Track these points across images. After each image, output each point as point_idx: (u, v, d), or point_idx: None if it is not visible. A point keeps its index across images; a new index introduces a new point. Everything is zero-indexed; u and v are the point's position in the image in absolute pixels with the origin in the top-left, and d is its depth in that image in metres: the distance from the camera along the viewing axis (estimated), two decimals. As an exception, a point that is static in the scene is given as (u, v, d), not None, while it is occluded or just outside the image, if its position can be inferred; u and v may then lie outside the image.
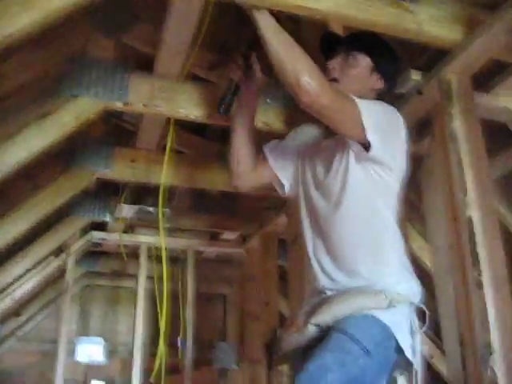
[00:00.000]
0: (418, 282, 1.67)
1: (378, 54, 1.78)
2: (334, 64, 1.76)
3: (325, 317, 1.56)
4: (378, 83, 1.78)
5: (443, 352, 2.12)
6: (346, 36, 1.90)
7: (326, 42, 1.88)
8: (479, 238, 1.70)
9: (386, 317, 1.53)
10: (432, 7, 1.87)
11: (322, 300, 1.64)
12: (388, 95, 2.16)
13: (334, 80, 1.73)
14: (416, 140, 2.21)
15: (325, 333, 1.54)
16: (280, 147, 1.98)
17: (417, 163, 2.05)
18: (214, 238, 4.28)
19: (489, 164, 2.39)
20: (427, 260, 2.89)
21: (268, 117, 2.34)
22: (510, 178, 2.76)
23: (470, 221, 1.72)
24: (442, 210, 1.90)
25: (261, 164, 1.93)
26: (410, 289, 1.65)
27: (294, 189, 1.93)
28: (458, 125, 1.84)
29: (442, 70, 1.93)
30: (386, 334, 1.53)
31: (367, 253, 1.66)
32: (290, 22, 2.69)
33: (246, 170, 1.92)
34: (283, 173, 1.93)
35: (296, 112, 2.34)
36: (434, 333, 3.48)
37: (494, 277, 1.67)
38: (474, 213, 1.73)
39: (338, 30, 2.43)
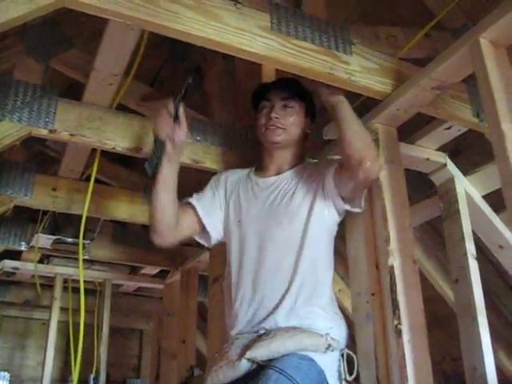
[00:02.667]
0: (346, 328, 1.71)
1: (308, 99, 1.94)
2: (277, 113, 1.87)
3: (263, 352, 1.54)
4: (309, 127, 1.96)
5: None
6: (280, 83, 1.95)
7: (260, 90, 1.96)
8: (400, 286, 1.73)
9: (322, 361, 1.55)
10: (364, 59, 1.93)
11: (260, 335, 1.63)
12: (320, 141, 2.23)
13: (283, 129, 1.86)
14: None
15: (258, 369, 1.53)
16: (205, 197, 1.96)
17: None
18: (133, 271, 4.19)
19: (410, 212, 2.47)
20: (347, 304, 2.93)
21: (197, 154, 2.32)
22: (429, 227, 2.85)
23: (391, 269, 1.75)
24: (364, 257, 1.92)
25: (184, 217, 1.89)
26: (342, 334, 1.68)
27: (222, 234, 1.93)
28: (383, 174, 1.89)
29: (371, 120, 1.97)
30: (321, 378, 1.54)
31: (308, 294, 1.69)
32: (225, 61, 2.74)
33: (170, 227, 1.83)
34: (212, 221, 1.91)
35: (225, 149, 2.34)
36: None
37: (413, 326, 1.70)
38: (396, 262, 1.76)
39: (270, 72, 2.50)
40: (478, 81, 1.58)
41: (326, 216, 1.80)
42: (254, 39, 1.73)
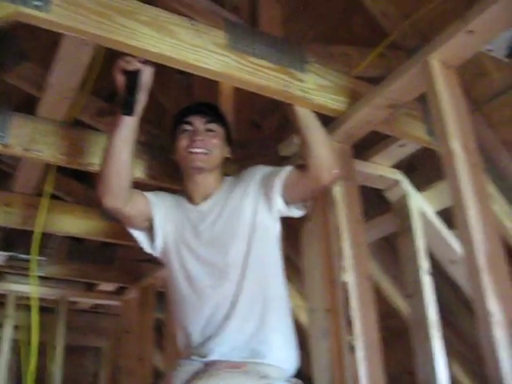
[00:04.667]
0: (297, 353, 1.75)
1: (228, 126, 1.97)
2: (201, 136, 1.86)
3: None
4: (228, 151, 1.96)
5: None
6: (202, 107, 1.95)
7: (182, 113, 1.94)
8: (353, 302, 1.75)
9: None
10: (319, 77, 1.94)
11: (201, 369, 1.63)
12: (275, 157, 2.24)
13: (206, 153, 1.85)
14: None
15: None
16: (157, 199, 1.93)
17: (298, 223, 2.10)
18: (90, 288, 4.12)
19: (365, 228, 2.51)
20: (304, 319, 2.94)
21: (154, 170, 2.30)
22: (385, 242, 2.89)
23: (345, 285, 1.77)
24: (319, 273, 1.94)
25: (136, 196, 1.84)
26: (291, 361, 1.71)
27: (163, 250, 1.90)
28: (337, 190, 1.91)
29: (325, 137, 1.99)
30: None
31: (258, 315, 1.71)
32: (182, 76, 2.74)
33: (123, 187, 1.75)
34: (160, 224, 1.88)
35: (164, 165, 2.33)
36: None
37: (367, 342, 1.72)
38: (350, 278, 1.78)
39: (228, 89, 2.51)
40: (429, 100, 1.62)
41: (269, 229, 1.82)
42: (210, 56, 1.73)
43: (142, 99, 1.73)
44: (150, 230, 1.90)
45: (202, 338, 1.71)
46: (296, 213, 1.86)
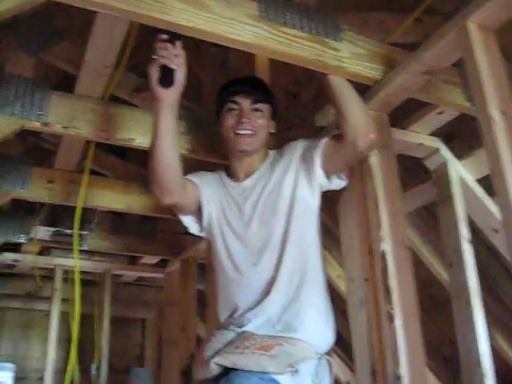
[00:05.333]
0: (333, 329, 1.74)
1: (273, 101, 1.94)
2: (248, 116, 1.84)
3: (228, 363, 1.56)
4: (273, 126, 1.95)
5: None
6: (248, 85, 1.90)
7: (227, 90, 1.91)
8: (392, 271, 1.74)
9: (287, 381, 1.53)
10: (353, 45, 1.92)
11: (232, 340, 1.66)
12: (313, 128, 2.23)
13: (252, 135, 1.84)
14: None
15: (225, 372, 1.56)
16: (204, 181, 1.93)
17: (336, 194, 2.10)
18: (133, 261, 4.21)
19: (405, 197, 2.48)
20: (344, 289, 2.94)
21: (190, 143, 2.32)
22: (425, 211, 2.86)
23: (383, 255, 1.76)
24: (357, 243, 1.93)
25: (186, 184, 1.83)
26: (326, 337, 1.71)
27: (210, 230, 1.90)
28: (374, 160, 1.89)
29: (362, 105, 1.97)
30: None
31: (295, 289, 1.71)
32: (217, 49, 2.74)
33: (177, 183, 1.73)
34: (207, 206, 1.88)
35: (216, 139, 2.34)
36: (350, 359, 3.54)
37: (405, 311, 1.71)
38: (388, 247, 1.77)
39: (264, 61, 2.50)
40: (467, 65, 1.59)
41: (309, 204, 1.81)
42: (243, 28, 1.73)
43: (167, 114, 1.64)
44: (197, 213, 1.92)
45: (242, 311, 1.73)
46: (338, 183, 1.84)
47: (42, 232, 3.32)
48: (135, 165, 3.26)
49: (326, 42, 1.87)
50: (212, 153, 2.35)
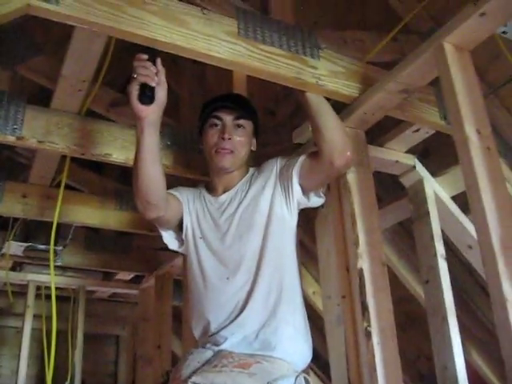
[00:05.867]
0: (311, 346, 1.75)
1: (256, 118, 1.95)
2: (230, 133, 1.85)
3: (203, 381, 1.56)
4: (254, 144, 1.96)
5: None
6: (231, 101, 1.92)
7: (210, 106, 1.91)
8: (369, 289, 1.74)
9: None
10: (331, 63, 1.94)
11: (210, 358, 1.65)
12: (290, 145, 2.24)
13: (232, 153, 1.85)
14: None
15: None
16: (184, 194, 1.93)
17: (313, 211, 2.10)
18: (107, 277, 4.16)
19: (381, 214, 2.50)
20: (320, 306, 2.94)
21: (168, 159, 2.31)
22: (401, 228, 2.88)
23: (360, 272, 1.77)
24: (334, 260, 1.94)
25: (172, 199, 1.84)
26: (303, 355, 1.72)
27: (186, 245, 1.90)
28: (351, 177, 1.90)
29: (339, 123, 1.99)
30: None
31: (272, 306, 1.71)
32: (195, 65, 2.74)
33: (162, 198, 1.72)
34: (185, 220, 1.89)
35: (194, 155, 2.34)
36: (328, 377, 3.53)
37: (383, 328, 1.71)
38: (365, 264, 1.78)
39: (241, 78, 2.50)
40: (442, 85, 1.60)
41: (286, 220, 1.81)
42: (221, 45, 1.73)
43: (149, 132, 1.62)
44: (177, 228, 1.92)
45: (217, 328, 1.72)
46: (316, 201, 1.84)
47: (15, 247, 3.26)
48: (111, 180, 3.24)
49: (304, 60, 1.88)
50: (189, 169, 2.34)
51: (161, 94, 1.61)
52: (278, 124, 2.99)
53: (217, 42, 1.73)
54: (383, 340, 1.70)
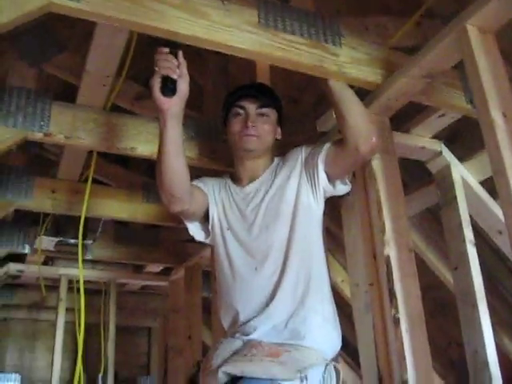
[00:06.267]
0: (340, 334, 1.74)
1: (280, 107, 1.95)
2: (253, 121, 1.85)
3: (236, 371, 1.55)
4: (279, 132, 1.96)
5: None
6: (255, 90, 1.93)
7: (234, 96, 1.92)
8: (396, 276, 1.74)
9: None
10: (353, 50, 1.92)
11: (240, 348, 1.66)
12: (314, 133, 2.23)
13: (258, 137, 1.85)
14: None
15: (233, 379, 1.55)
16: (209, 185, 1.94)
17: (339, 198, 2.10)
18: (137, 269, 4.21)
19: (408, 200, 2.48)
20: (349, 294, 2.93)
21: (191, 151, 2.32)
22: (429, 214, 2.85)
23: (387, 259, 1.76)
24: (360, 247, 1.93)
25: (196, 191, 1.84)
26: (333, 344, 1.72)
27: (213, 236, 1.90)
28: (377, 164, 1.89)
29: (362, 110, 1.97)
30: None
31: (300, 296, 1.71)
32: (218, 57, 2.75)
33: (186, 191, 1.72)
34: (212, 211, 1.89)
35: (218, 146, 2.35)
36: (357, 364, 3.53)
37: (411, 315, 1.71)
38: (392, 251, 1.77)
39: (265, 68, 2.50)
40: (466, 68, 1.58)
41: (312, 209, 1.80)
42: (243, 35, 1.73)
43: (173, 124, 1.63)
44: (203, 219, 1.93)
45: (246, 318, 1.72)
46: (341, 189, 1.84)
47: (46, 242, 3.32)
48: (138, 174, 3.27)
49: (326, 48, 1.87)
50: (214, 160, 2.35)
51: (183, 86, 1.61)
52: (302, 113, 2.99)
53: (238, 33, 1.73)
54: (412, 327, 1.69)
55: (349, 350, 3.59)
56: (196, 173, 2.33)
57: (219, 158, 2.34)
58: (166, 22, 1.63)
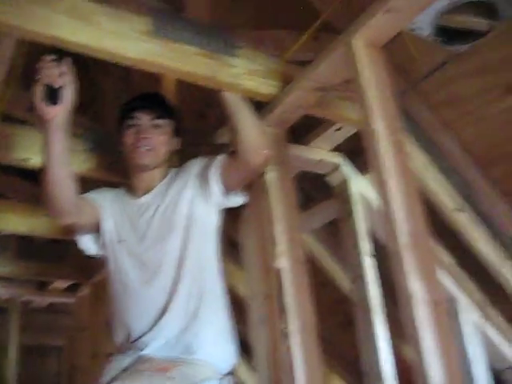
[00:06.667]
0: (235, 348, 1.74)
1: (175, 116, 1.93)
2: (146, 133, 1.82)
3: None
4: (177, 144, 1.94)
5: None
6: (149, 101, 1.91)
7: (128, 107, 1.89)
8: (288, 289, 1.73)
9: None
10: (249, 62, 1.91)
11: (130, 364, 1.62)
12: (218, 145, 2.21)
13: (151, 151, 1.81)
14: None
15: None
16: (103, 197, 1.89)
17: (238, 210, 2.08)
18: (42, 286, 4.05)
19: (311, 213, 2.50)
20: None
21: (91, 163, 2.25)
22: (332, 227, 2.88)
23: (279, 272, 1.75)
24: (256, 260, 1.92)
25: (84, 203, 1.79)
26: (225, 361, 1.70)
27: (105, 249, 1.85)
28: (271, 176, 1.89)
29: (259, 123, 1.97)
30: None
31: (193, 310, 1.68)
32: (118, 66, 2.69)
33: (71, 203, 1.67)
34: (104, 223, 1.84)
35: (118, 158, 2.28)
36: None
37: (302, 328, 1.70)
38: (284, 264, 1.76)
39: (171, 79, 2.46)
40: (353, 81, 1.60)
41: (207, 221, 1.79)
42: (133, 43, 1.69)
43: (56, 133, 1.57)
44: (96, 232, 1.87)
45: (138, 334, 1.68)
46: (235, 201, 1.84)
47: None
48: (39, 186, 3.15)
49: (220, 59, 1.85)
50: (113, 172, 2.28)
51: (67, 95, 1.55)
52: (208, 126, 2.96)
53: (128, 41, 1.69)
54: (302, 340, 1.68)
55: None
56: (96, 185, 2.27)
57: (119, 170, 2.28)
58: (51, 28, 1.57)
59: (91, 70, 1.96)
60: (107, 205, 1.87)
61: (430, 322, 1.29)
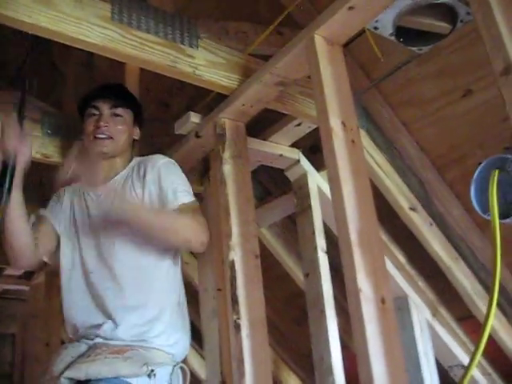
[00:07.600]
0: (188, 337, 1.71)
1: (136, 106, 1.92)
2: (106, 121, 1.80)
3: (80, 374, 1.50)
4: (137, 133, 1.92)
5: None
6: (109, 91, 1.89)
7: (88, 96, 1.88)
8: (240, 281, 1.73)
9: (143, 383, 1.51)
10: (210, 54, 1.91)
11: (85, 351, 1.59)
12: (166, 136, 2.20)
13: (110, 139, 1.80)
14: (198, 180, 2.25)
15: None
16: (54, 209, 1.87)
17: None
18: (-4, 273, 3.97)
19: (269, 207, 2.50)
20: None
21: (47, 148, 2.21)
22: (289, 222, 2.89)
23: (232, 264, 1.75)
24: (211, 252, 1.92)
25: (41, 236, 1.78)
26: (180, 346, 1.68)
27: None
28: (228, 169, 1.89)
29: (218, 115, 1.97)
30: None
31: (144, 298, 1.67)
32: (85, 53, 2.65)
33: (31, 251, 1.71)
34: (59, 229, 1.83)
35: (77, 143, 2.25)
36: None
37: (253, 321, 1.70)
38: (237, 257, 1.76)
39: (133, 68, 2.43)
40: (312, 77, 1.61)
41: None
42: (92, 29, 1.67)
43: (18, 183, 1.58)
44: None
45: (88, 324, 1.66)
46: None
47: None
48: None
49: (181, 49, 1.84)
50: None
51: (21, 160, 1.57)
52: (172, 116, 2.94)
53: (87, 26, 1.67)
54: (252, 332, 1.69)
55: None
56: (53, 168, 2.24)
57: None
58: (9, 9, 1.54)
59: (53, 54, 1.92)
60: (61, 208, 1.86)
61: (376, 318, 1.30)
